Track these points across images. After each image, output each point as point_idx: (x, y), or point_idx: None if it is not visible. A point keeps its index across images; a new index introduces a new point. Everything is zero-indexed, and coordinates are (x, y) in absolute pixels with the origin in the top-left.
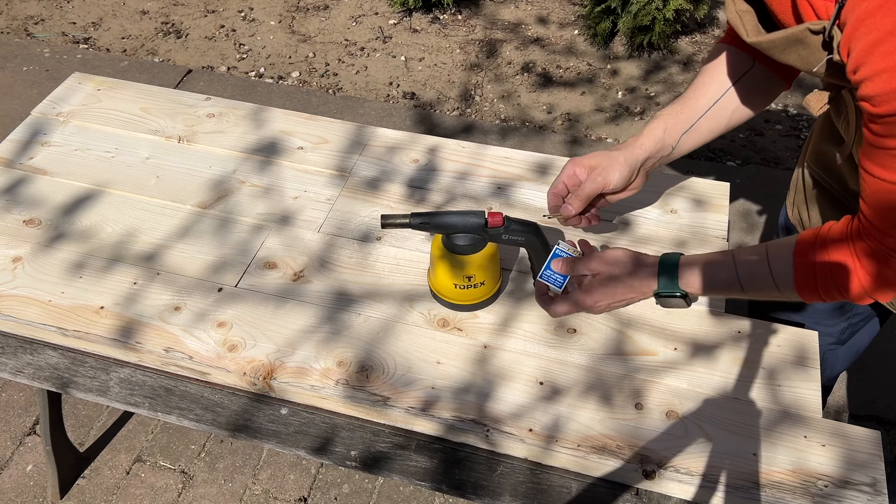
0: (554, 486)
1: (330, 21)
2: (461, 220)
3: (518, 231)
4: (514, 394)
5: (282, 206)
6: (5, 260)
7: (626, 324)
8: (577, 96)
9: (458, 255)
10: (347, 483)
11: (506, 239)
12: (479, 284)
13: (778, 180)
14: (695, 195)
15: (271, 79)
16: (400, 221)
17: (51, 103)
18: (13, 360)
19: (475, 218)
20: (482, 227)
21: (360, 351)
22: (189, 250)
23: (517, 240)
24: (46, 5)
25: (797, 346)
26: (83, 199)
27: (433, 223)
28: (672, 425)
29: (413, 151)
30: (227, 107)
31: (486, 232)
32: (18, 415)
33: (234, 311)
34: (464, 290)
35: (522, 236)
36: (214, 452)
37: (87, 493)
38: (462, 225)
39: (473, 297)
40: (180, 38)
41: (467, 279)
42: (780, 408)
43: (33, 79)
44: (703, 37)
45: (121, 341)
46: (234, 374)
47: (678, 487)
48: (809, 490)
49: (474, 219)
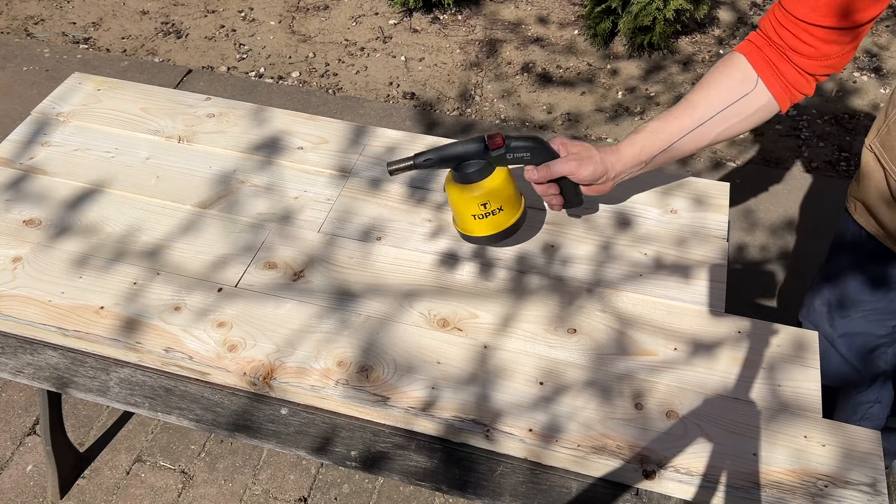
0: (554, 486)
1: (330, 21)
2: (462, 148)
3: (521, 148)
4: (514, 394)
5: (282, 205)
6: (5, 260)
7: (627, 324)
8: (577, 96)
9: (467, 184)
10: (347, 483)
11: (511, 158)
12: (498, 211)
13: (778, 180)
14: (695, 195)
15: (271, 79)
16: (405, 165)
17: (51, 103)
18: (13, 360)
19: (476, 144)
20: (484, 152)
21: (361, 351)
22: (189, 250)
23: (522, 157)
24: (46, 5)
25: (797, 345)
26: (83, 199)
27: (436, 158)
28: (672, 425)
29: (413, 151)
30: (227, 107)
31: (490, 156)
32: (18, 415)
33: (234, 311)
34: (483, 219)
35: (527, 152)
36: (214, 452)
37: (87, 493)
38: (464, 153)
39: (495, 225)
40: (180, 38)
41: (483, 207)
42: (780, 407)
43: (33, 79)
44: (703, 37)
45: (121, 341)
46: (234, 374)
47: (678, 487)
48: (809, 490)
49: (475, 144)
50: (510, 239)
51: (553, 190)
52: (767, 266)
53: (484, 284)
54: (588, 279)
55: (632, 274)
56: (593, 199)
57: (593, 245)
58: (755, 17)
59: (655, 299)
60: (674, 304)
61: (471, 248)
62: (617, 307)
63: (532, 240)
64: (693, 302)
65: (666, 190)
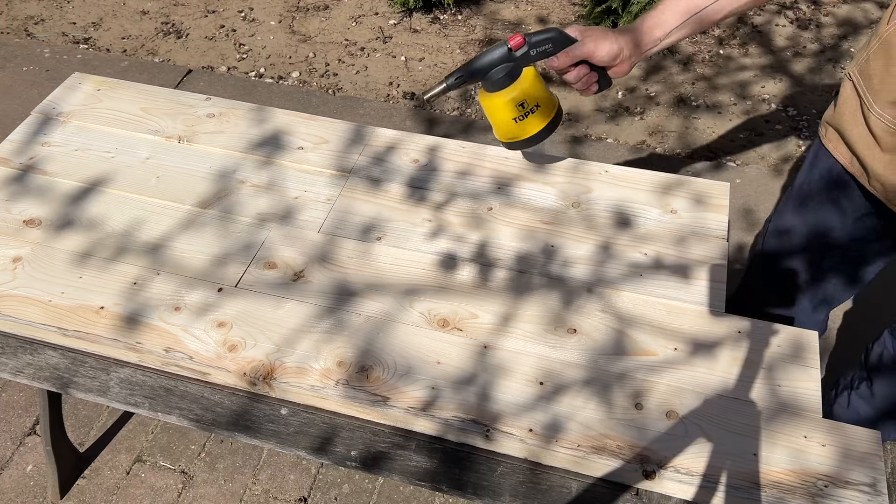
0: (554, 486)
1: (330, 21)
2: (488, 56)
3: (542, 41)
4: (514, 394)
5: (282, 205)
6: (5, 260)
7: (627, 323)
8: (576, 96)
9: (500, 90)
10: (347, 483)
11: (535, 54)
12: (535, 108)
13: (778, 180)
14: (695, 195)
15: (271, 79)
16: (440, 90)
17: (51, 103)
18: (13, 360)
19: (499, 49)
20: (509, 54)
21: (360, 351)
22: (189, 250)
23: (545, 49)
24: (46, 5)
25: (797, 345)
26: (83, 198)
27: (466, 74)
28: (672, 425)
29: (413, 151)
30: (227, 107)
31: (515, 57)
32: (18, 415)
33: (234, 311)
34: (524, 120)
35: (549, 44)
36: (214, 452)
37: (87, 493)
38: (490, 60)
39: (538, 122)
40: (180, 39)
41: (521, 108)
42: (780, 407)
43: (33, 79)
44: (703, 37)
45: (121, 341)
46: (234, 374)
47: (678, 487)
48: (809, 490)
49: (499, 50)
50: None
51: (582, 72)
52: None
53: (484, 284)
54: (588, 279)
55: (632, 274)
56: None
57: (593, 245)
58: (755, 17)
59: (655, 299)
60: (674, 303)
61: (471, 248)
62: (617, 307)
63: (532, 240)
64: (693, 302)
65: (666, 190)
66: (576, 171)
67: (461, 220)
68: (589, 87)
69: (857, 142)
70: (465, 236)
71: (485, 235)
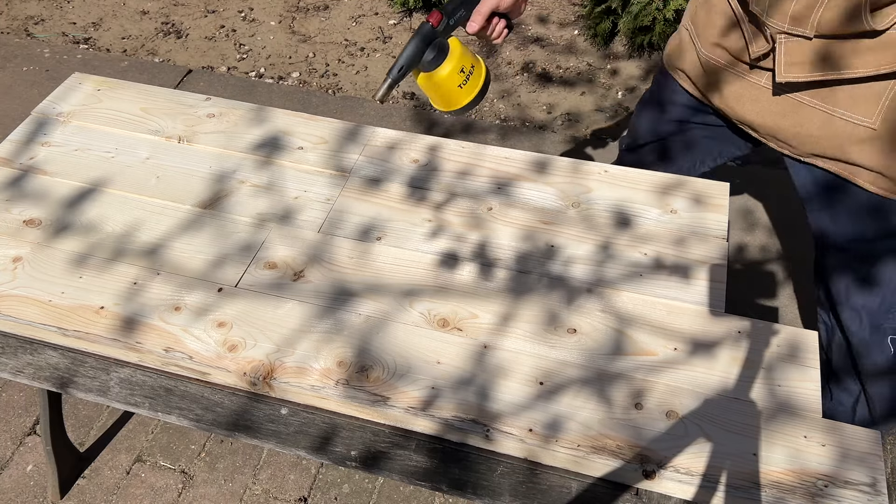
0: (554, 486)
1: (330, 21)
2: (416, 41)
3: (456, 7)
4: (513, 394)
5: (282, 205)
6: (5, 260)
7: (626, 323)
8: (576, 96)
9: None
10: (347, 483)
11: (453, 24)
12: (472, 70)
13: (778, 180)
14: (695, 195)
15: (271, 79)
16: (386, 86)
17: (51, 103)
18: (13, 360)
19: (422, 31)
20: (433, 31)
21: (360, 351)
22: (189, 250)
23: (460, 15)
24: (46, 5)
25: (797, 346)
26: (83, 198)
27: (405, 62)
28: (672, 425)
29: (413, 151)
30: (227, 107)
31: (439, 32)
32: (18, 415)
33: (234, 311)
34: (466, 84)
35: (461, 9)
36: (214, 452)
37: (87, 493)
38: (419, 43)
39: (476, 82)
40: (180, 39)
41: (461, 73)
42: (779, 407)
43: (33, 79)
44: None
45: (121, 341)
46: (234, 374)
47: (678, 487)
48: (809, 490)
49: (422, 32)
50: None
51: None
52: (767, 266)
53: (484, 284)
54: (588, 279)
55: (631, 274)
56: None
57: (593, 245)
58: None
59: (655, 299)
60: (673, 303)
61: (470, 248)
62: (617, 307)
63: (532, 240)
64: (693, 302)
65: (666, 190)
66: (575, 171)
67: (461, 220)
68: (501, 34)
69: (689, 70)
70: (464, 236)
71: (484, 235)
